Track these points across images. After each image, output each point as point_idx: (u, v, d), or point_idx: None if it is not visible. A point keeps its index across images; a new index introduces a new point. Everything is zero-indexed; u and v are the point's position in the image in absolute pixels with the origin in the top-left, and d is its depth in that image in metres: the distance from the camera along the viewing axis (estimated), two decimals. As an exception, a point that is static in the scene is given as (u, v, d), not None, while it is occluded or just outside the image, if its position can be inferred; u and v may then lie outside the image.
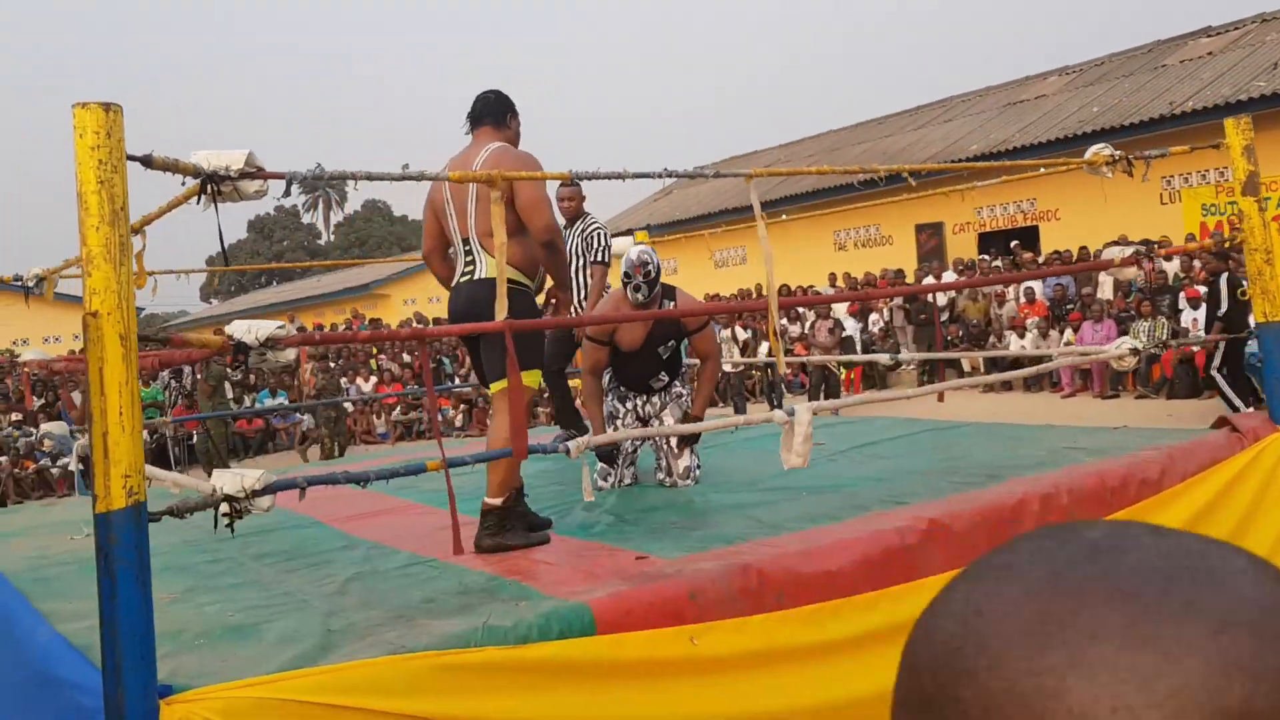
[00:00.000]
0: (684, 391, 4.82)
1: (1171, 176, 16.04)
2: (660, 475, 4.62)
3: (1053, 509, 3.56)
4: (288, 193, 2.74)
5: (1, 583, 3.67)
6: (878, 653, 3.07)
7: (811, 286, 18.11)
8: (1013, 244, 16.92)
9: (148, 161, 2.37)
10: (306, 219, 66.31)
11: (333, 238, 62.51)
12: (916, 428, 5.49)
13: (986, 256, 17.43)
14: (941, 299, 15.14)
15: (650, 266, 4.50)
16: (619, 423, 4.73)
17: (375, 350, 17.84)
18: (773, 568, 2.99)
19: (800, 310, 16.21)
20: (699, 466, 4.59)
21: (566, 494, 4.50)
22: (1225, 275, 9.90)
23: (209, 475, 2.68)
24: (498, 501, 3.57)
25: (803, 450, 3.51)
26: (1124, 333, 12.59)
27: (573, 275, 5.99)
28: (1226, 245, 4.00)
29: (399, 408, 16.41)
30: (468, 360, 16.75)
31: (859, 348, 14.97)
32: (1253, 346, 10.23)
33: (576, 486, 4.67)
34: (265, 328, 2.67)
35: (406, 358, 17.84)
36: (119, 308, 2.20)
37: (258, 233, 62.39)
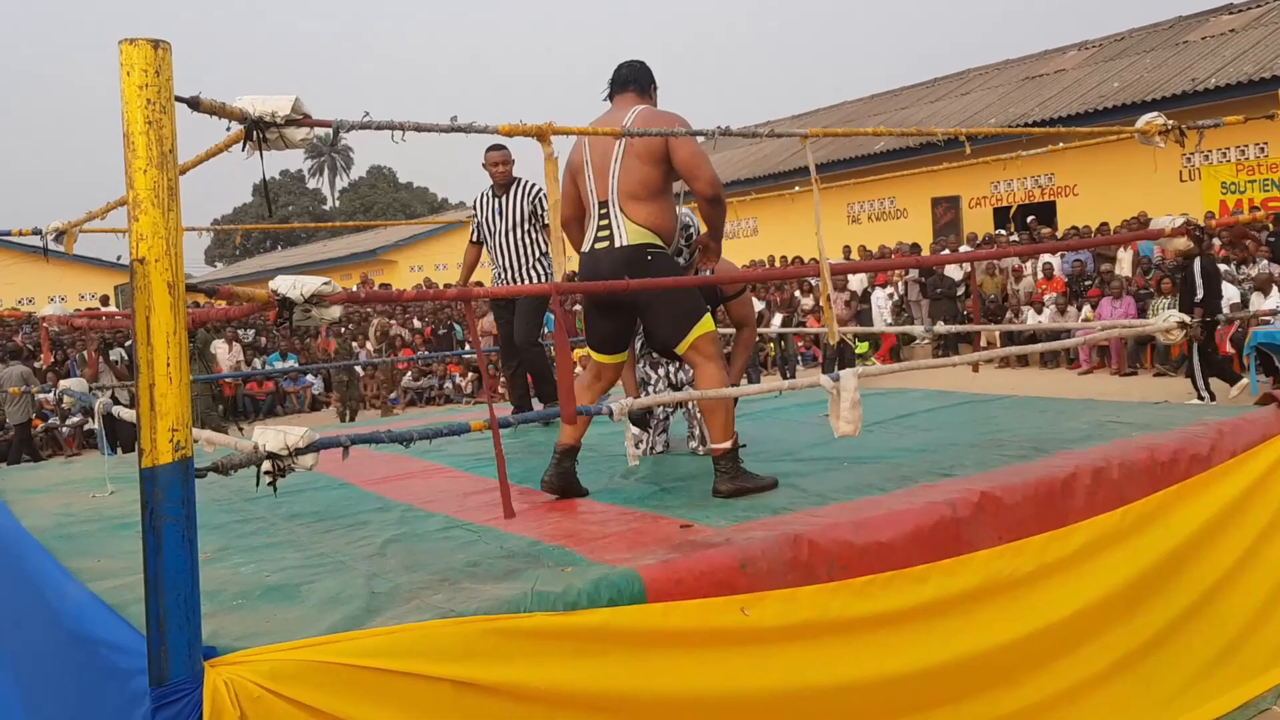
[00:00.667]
0: None
1: (1191, 154, 15.86)
2: (693, 444, 4.54)
3: (1103, 483, 3.48)
4: (335, 142, 2.65)
5: (28, 540, 3.60)
6: (928, 627, 3.01)
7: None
8: (1029, 219, 16.77)
9: (195, 104, 2.27)
10: (312, 184, 66.17)
11: (337, 203, 62.26)
12: (951, 400, 5.41)
13: (1004, 231, 17.28)
14: (958, 273, 15.02)
15: (691, 229, 4.40)
16: (651, 389, 4.65)
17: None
18: (823, 538, 2.91)
19: (813, 282, 16.06)
20: None
21: (598, 461, 4.42)
22: (1198, 260, 9.79)
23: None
24: (727, 445, 3.60)
25: (852, 417, 3.42)
26: (1143, 310, 12.50)
27: (513, 242, 5.90)
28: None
29: (409, 374, 16.33)
30: (479, 325, 16.67)
31: (888, 319, 14.90)
32: (1270, 326, 10.20)
33: (607, 453, 4.60)
34: (310, 284, 2.58)
35: (417, 323, 17.74)
36: (167, 254, 2.10)
37: (262, 196, 62.15)
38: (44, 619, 3.04)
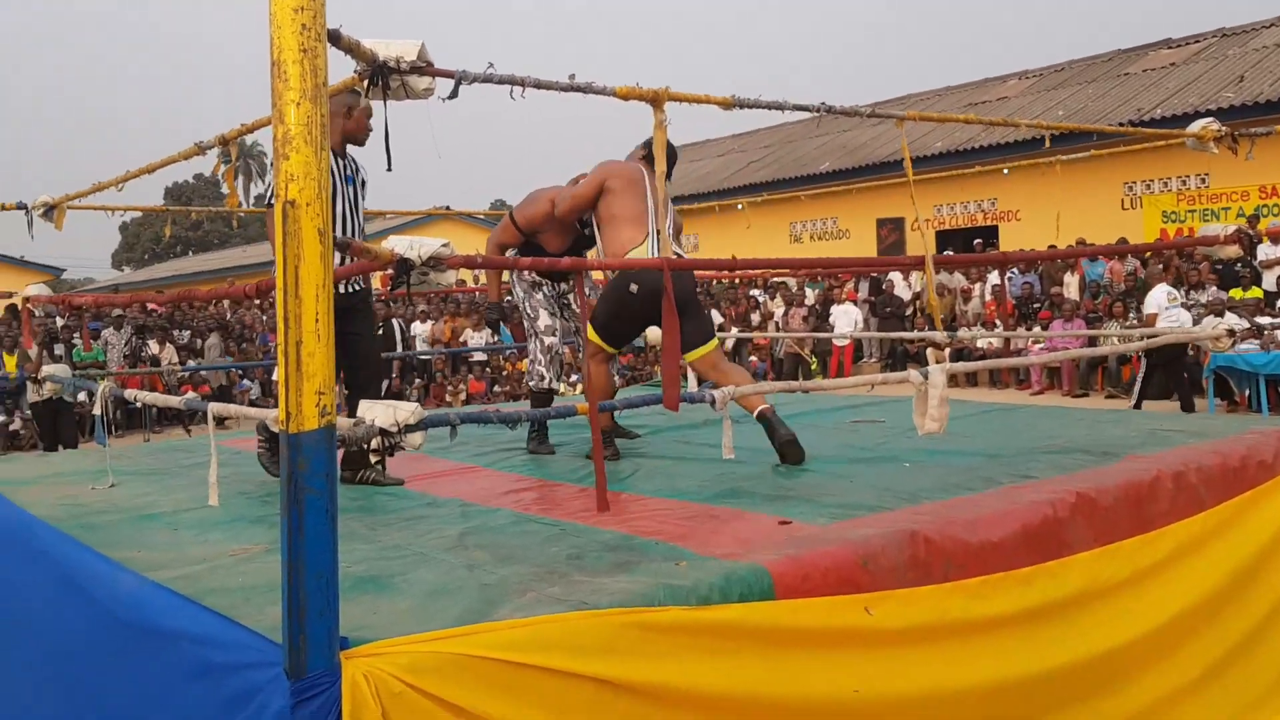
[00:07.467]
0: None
1: (1134, 183, 16.27)
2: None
3: (1184, 487, 3.43)
4: (455, 94, 2.44)
5: (41, 529, 3.28)
6: (1037, 631, 2.89)
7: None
8: (975, 243, 17.02)
9: (335, 38, 2.06)
10: (225, 189, 64.43)
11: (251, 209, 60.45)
12: (971, 409, 5.33)
13: (950, 252, 17.51)
14: (906, 294, 15.16)
15: None
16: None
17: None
18: (939, 536, 2.79)
19: (760, 301, 16.10)
20: None
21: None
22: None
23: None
24: None
25: (939, 415, 3.33)
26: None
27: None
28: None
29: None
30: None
31: (851, 333, 14.88)
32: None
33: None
34: (429, 245, 2.38)
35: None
36: (319, 198, 1.89)
37: (174, 199, 60.55)
38: (89, 614, 2.75)
